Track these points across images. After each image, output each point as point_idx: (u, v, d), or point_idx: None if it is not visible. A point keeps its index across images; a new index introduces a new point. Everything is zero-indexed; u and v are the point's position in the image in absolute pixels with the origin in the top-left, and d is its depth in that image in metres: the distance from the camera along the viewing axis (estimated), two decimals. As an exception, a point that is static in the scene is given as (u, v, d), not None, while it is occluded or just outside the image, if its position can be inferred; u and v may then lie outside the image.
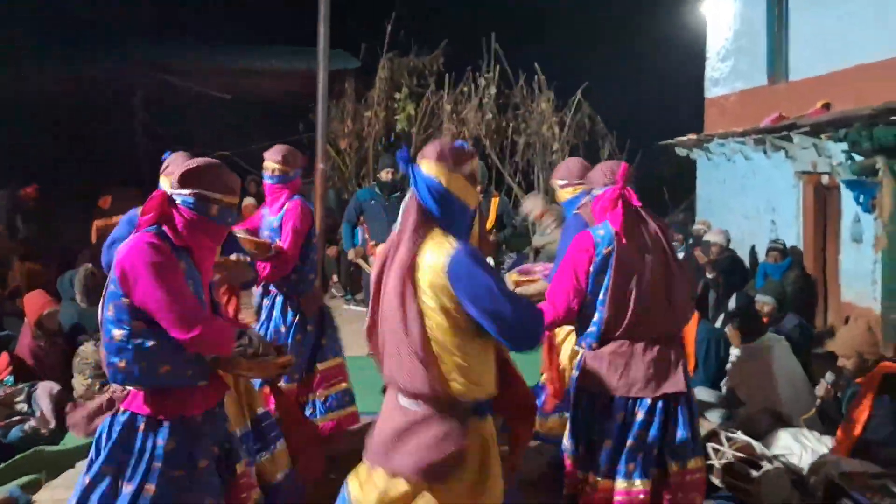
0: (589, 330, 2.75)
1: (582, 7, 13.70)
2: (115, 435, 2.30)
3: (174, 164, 3.10)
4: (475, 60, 11.11)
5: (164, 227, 2.32)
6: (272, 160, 3.81)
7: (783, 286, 5.87)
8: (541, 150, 11.11)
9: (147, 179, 5.36)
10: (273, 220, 3.81)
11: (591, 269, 2.69)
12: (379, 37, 11.52)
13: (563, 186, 3.56)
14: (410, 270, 2.06)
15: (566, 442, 2.88)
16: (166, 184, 3.15)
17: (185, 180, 2.34)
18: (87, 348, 4.84)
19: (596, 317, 2.71)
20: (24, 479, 3.80)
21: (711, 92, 9.55)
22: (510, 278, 3.88)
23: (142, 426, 2.30)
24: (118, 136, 11.73)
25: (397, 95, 11.48)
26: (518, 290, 3.60)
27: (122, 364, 2.26)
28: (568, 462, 2.86)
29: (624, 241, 2.67)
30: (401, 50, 11.75)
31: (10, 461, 3.91)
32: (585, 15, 13.84)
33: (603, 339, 2.73)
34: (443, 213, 2.10)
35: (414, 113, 11.38)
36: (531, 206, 5.39)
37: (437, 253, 2.05)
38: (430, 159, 2.11)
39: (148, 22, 13.50)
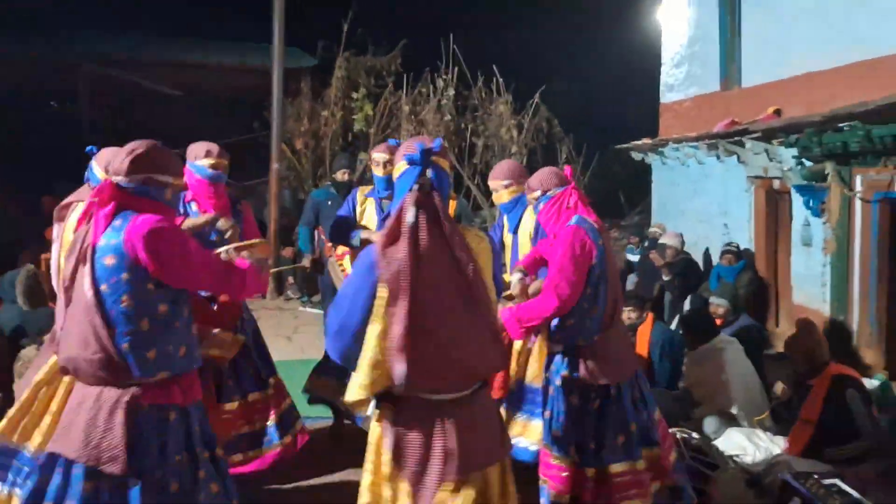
0: (586, 325, 2.87)
1: (541, 11, 13.81)
2: (150, 431, 2.17)
3: (110, 154, 2.86)
4: (434, 61, 11.09)
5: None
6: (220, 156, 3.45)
7: (736, 288, 5.97)
8: (499, 152, 11.14)
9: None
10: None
11: (594, 262, 2.83)
12: (336, 35, 11.40)
13: (507, 186, 3.68)
14: (472, 255, 2.12)
15: (552, 447, 2.90)
16: (100, 174, 3.00)
17: (135, 166, 2.24)
18: (29, 352, 4.63)
19: (596, 310, 2.86)
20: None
21: (666, 97, 9.69)
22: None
23: (174, 415, 2.23)
24: (62, 130, 11.32)
25: (354, 95, 11.38)
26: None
27: (154, 354, 2.17)
28: (560, 464, 2.87)
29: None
30: (358, 49, 11.66)
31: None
32: (544, 19, 13.96)
33: (602, 331, 2.89)
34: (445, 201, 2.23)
35: (372, 113, 11.29)
36: None
37: (479, 236, 2.24)
38: (442, 157, 2.21)
39: (95, 13, 13.07)
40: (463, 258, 2.07)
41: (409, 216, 2.06)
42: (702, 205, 8.36)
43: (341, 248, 6.19)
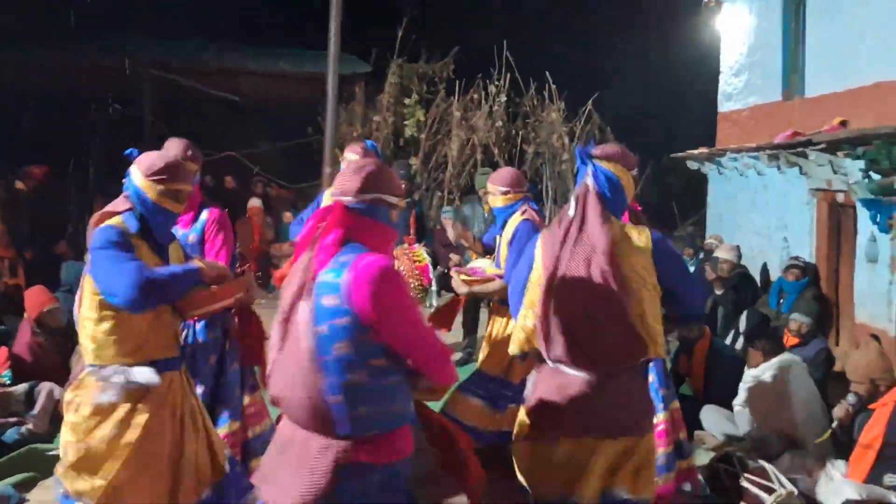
0: None
1: (595, 17, 13.67)
2: (352, 492, 1.95)
3: (156, 158, 2.60)
4: (486, 68, 11.08)
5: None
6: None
7: (799, 306, 5.75)
8: (550, 159, 11.06)
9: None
10: (188, 233, 3.37)
11: None
12: (390, 42, 11.50)
13: (504, 193, 3.80)
14: (612, 253, 2.33)
15: None
16: (138, 179, 2.56)
17: (366, 185, 2.05)
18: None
19: None
20: (18, 477, 3.79)
21: (724, 106, 9.46)
22: (459, 278, 3.99)
23: (379, 476, 1.98)
24: (123, 132, 11.69)
25: (407, 101, 11.46)
26: (475, 289, 3.92)
27: (366, 410, 1.94)
28: None
29: None
30: (411, 56, 11.74)
31: (3, 459, 3.85)
32: (599, 25, 13.81)
33: None
34: (615, 203, 2.45)
35: (423, 119, 11.35)
36: None
37: (641, 235, 2.39)
38: (607, 157, 2.45)
39: (157, 21, 13.49)
40: (600, 246, 2.33)
41: (570, 210, 2.46)
42: (760, 217, 8.11)
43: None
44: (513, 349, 2.56)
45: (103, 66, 11.65)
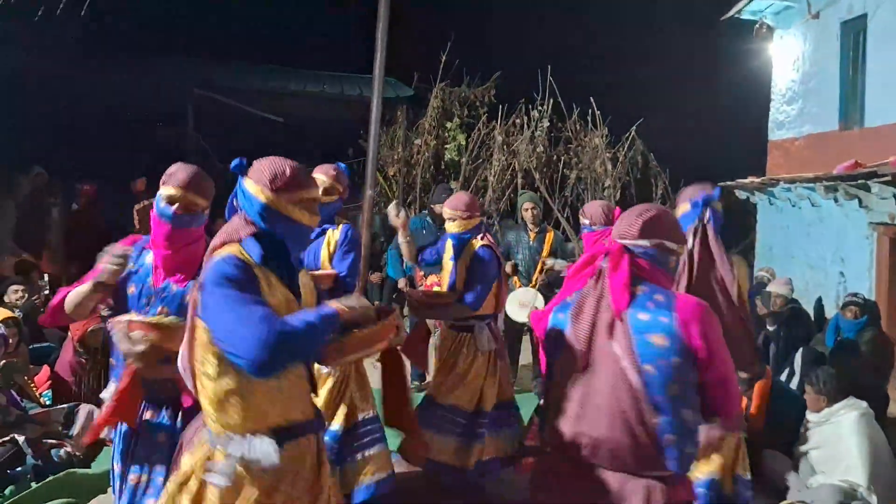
0: None
1: (641, 42, 13.52)
2: None
3: (272, 166, 2.08)
4: (529, 92, 10.98)
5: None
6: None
7: (858, 345, 5.47)
8: (592, 184, 10.87)
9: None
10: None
11: None
12: (432, 66, 11.51)
13: (464, 217, 3.88)
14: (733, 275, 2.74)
15: None
16: (254, 188, 2.07)
17: (647, 230, 2.08)
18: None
19: None
20: (57, 502, 3.70)
21: (776, 134, 9.20)
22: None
23: None
24: (168, 151, 11.85)
25: (448, 125, 11.42)
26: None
27: (689, 449, 1.96)
28: None
29: None
30: (453, 80, 11.72)
31: (42, 483, 3.80)
32: (643, 50, 13.65)
33: None
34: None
35: (464, 143, 11.28)
36: None
37: (740, 261, 2.73)
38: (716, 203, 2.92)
39: (203, 42, 13.71)
40: (727, 277, 2.63)
41: (689, 243, 2.74)
42: (815, 250, 7.82)
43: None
44: None
45: (150, 85, 11.87)
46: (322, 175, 3.51)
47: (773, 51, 9.41)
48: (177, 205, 2.40)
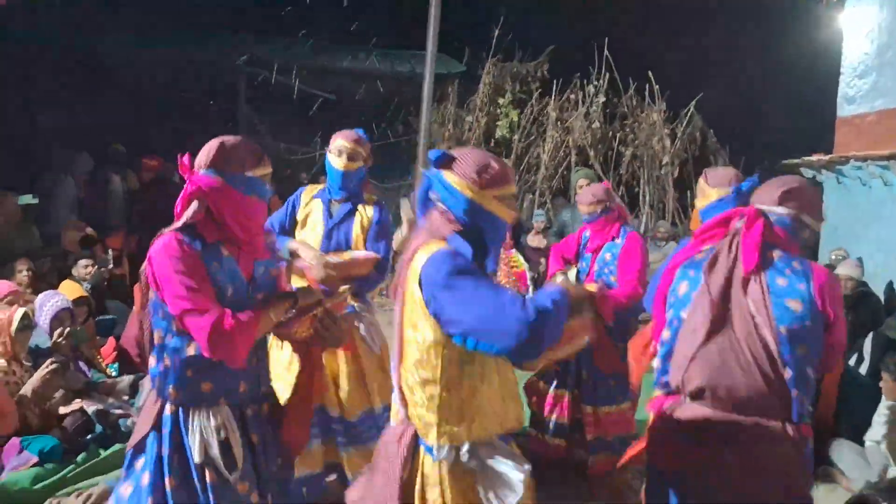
0: None
1: (702, 14, 13.03)
2: None
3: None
4: (585, 67, 10.72)
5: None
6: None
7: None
8: (648, 161, 10.60)
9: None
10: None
11: None
12: (485, 41, 11.32)
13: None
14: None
15: None
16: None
17: (789, 199, 2.24)
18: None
19: None
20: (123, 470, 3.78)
21: (845, 110, 8.76)
22: None
23: None
24: (219, 126, 11.99)
25: (500, 101, 11.25)
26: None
27: (807, 404, 2.19)
28: None
29: None
30: (506, 55, 11.52)
31: (109, 451, 3.89)
32: (704, 21, 13.16)
33: None
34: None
35: (516, 119, 11.11)
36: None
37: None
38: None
39: (254, 18, 13.73)
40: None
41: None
42: (886, 232, 7.46)
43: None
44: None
45: (203, 62, 12.00)
46: (344, 140, 3.33)
47: (844, 21, 8.93)
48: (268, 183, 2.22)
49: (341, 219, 3.35)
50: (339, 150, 3.32)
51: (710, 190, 2.93)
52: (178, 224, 2.11)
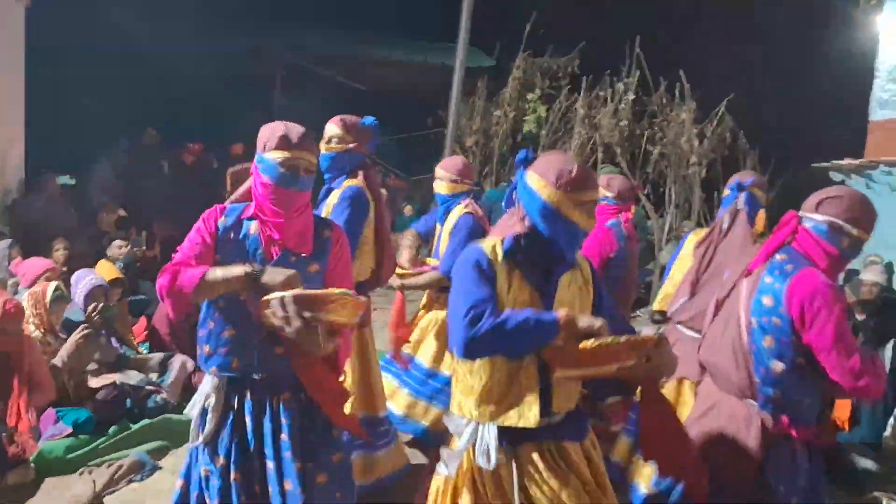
0: None
1: (734, 12, 12.90)
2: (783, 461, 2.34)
3: (557, 163, 1.98)
4: (615, 64, 10.67)
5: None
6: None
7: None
8: (676, 161, 10.53)
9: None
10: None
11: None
12: (515, 35, 11.31)
13: (452, 181, 3.74)
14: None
15: None
16: (538, 184, 1.97)
17: (824, 207, 2.28)
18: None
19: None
20: (152, 444, 3.98)
21: (878, 114, 8.66)
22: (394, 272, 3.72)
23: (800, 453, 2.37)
24: (255, 115, 12.06)
25: (529, 96, 11.25)
26: (407, 281, 3.72)
27: (777, 396, 2.29)
28: None
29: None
30: (536, 50, 11.50)
31: (139, 426, 4.05)
32: (737, 21, 13.02)
33: None
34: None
35: (545, 115, 11.11)
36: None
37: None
38: (757, 188, 3.29)
39: (291, 7, 13.82)
40: (743, 263, 2.48)
41: (724, 224, 3.28)
42: (914, 238, 7.36)
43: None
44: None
45: (242, 51, 12.13)
46: (335, 127, 3.30)
47: (881, 24, 8.81)
48: (298, 167, 2.17)
49: (319, 201, 3.33)
50: (325, 137, 3.31)
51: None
52: (234, 196, 2.35)
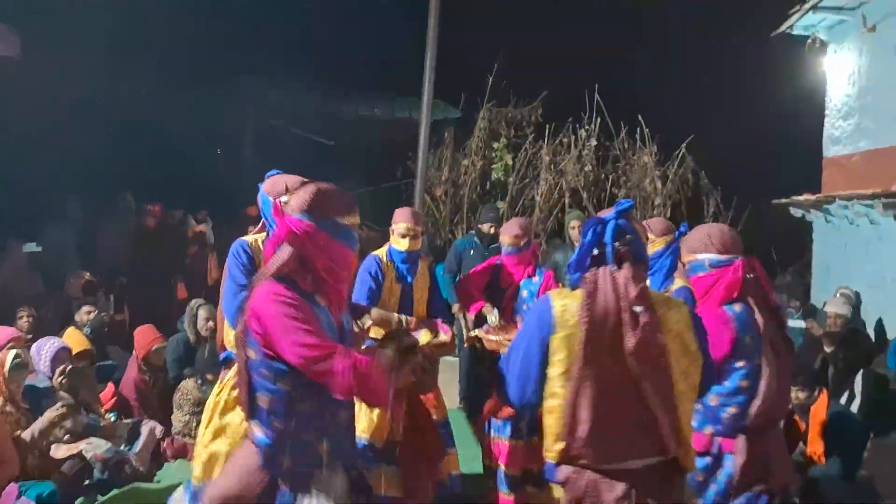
0: None
1: (689, 59, 13.39)
2: None
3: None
4: (577, 111, 10.98)
5: None
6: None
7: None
8: (641, 203, 10.78)
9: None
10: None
11: None
12: (479, 87, 11.59)
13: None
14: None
15: None
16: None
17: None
18: (188, 384, 4.86)
19: None
20: (122, 515, 3.83)
21: (831, 151, 8.98)
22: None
23: None
24: (224, 173, 11.99)
25: (495, 145, 11.48)
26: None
27: None
28: None
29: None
30: (500, 100, 11.79)
31: (108, 496, 3.94)
32: (693, 67, 13.51)
33: None
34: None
35: (511, 163, 11.32)
36: None
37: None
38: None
39: (258, 64, 13.89)
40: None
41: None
42: (874, 270, 7.58)
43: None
44: None
45: (209, 111, 12.20)
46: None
47: (827, 66, 9.22)
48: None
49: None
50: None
51: (658, 239, 3.40)
52: (270, 271, 2.04)
